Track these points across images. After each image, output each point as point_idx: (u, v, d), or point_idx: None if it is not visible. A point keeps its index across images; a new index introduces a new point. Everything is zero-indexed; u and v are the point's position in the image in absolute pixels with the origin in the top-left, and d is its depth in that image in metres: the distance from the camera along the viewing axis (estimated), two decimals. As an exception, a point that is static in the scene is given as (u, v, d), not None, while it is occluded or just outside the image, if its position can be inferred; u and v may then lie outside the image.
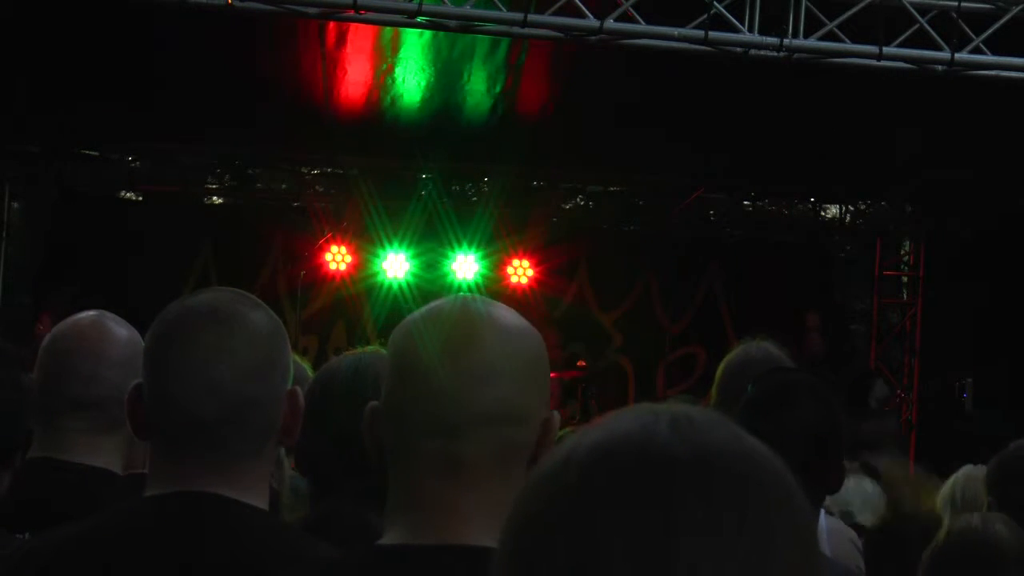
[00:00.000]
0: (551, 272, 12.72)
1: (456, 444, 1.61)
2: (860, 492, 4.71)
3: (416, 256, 12.43)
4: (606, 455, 0.90)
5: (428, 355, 1.63)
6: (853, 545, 3.70)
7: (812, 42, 7.83)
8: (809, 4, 7.78)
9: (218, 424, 1.88)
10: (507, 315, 1.69)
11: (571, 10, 7.70)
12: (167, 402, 1.90)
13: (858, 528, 4.23)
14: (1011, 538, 2.81)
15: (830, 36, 7.82)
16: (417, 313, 1.70)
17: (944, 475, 4.43)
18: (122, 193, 13.16)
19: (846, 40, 7.85)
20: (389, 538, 1.64)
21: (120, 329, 2.67)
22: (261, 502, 1.93)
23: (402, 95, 10.49)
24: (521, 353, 1.66)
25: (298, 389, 1.99)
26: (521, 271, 12.64)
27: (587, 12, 7.68)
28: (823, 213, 14.05)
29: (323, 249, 12.27)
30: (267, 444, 1.95)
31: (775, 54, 7.83)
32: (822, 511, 3.53)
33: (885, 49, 7.81)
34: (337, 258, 12.35)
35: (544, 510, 0.91)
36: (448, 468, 1.61)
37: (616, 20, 7.73)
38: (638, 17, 7.73)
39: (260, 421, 1.92)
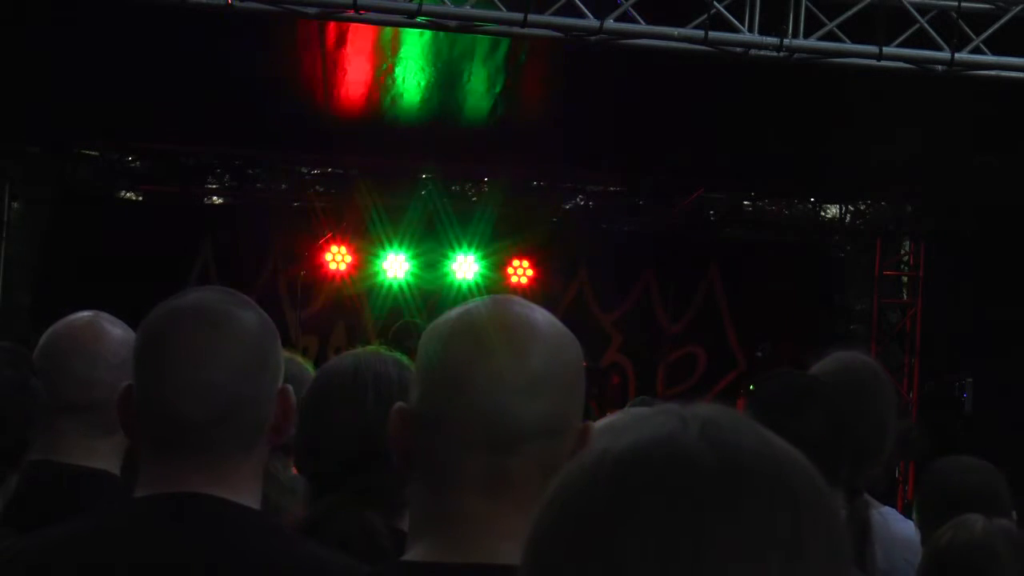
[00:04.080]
0: (551, 272, 12.71)
1: (502, 459, 1.55)
2: None
3: (416, 256, 12.43)
4: (634, 463, 0.89)
5: (472, 365, 1.57)
6: None
7: (812, 42, 7.83)
8: (809, 4, 7.78)
9: (209, 425, 1.87)
10: (548, 321, 1.63)
11: (571, 10, 7.70)
12: (157, 404, 1.89)
13: None
14: (1011, 543, 2.80)
15: (830, 36, 7.82)
16: (452, 317, 1.63)
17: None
18: (122, 193, 13.16)
19: (846, 40, 7.85)
20: (418, 554, 1.58)
21: (116, 330, 2.66)
22: (253, 502, 1.92)
23: (402, 95, 10.49)
24: (567, 364, 1.62)
25: (289, 388, 1.98)
26: (521, 271, 12.64)
27: (587, 12, 7.68)
28: (823, 213, 14.05)
29: (323, 249, 12.27)
30: (258, 443, 1.94)
31: (775, 54, 7.83)
32: None
33: (885, 49, 7.81)
34: (337, 258, 12.35)
35: (573, 517, 0.90)
36: (492, 484, 1.55)
37: (616, 20, 7.72)
38: (638, 17, 7.72)
39: (251, 421, 1.91)
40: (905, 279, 14.10)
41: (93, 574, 1.83)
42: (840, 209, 13.91)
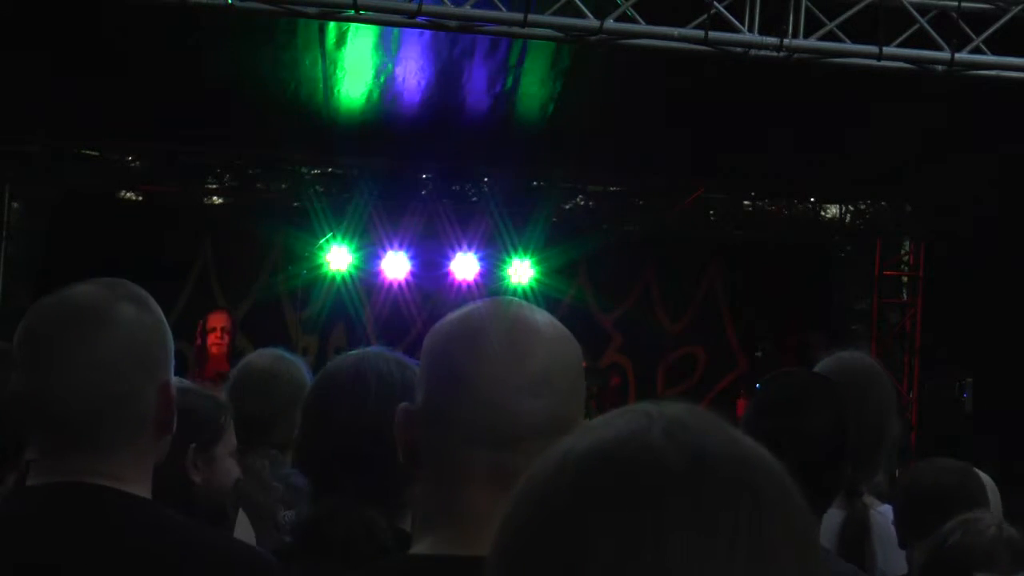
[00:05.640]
0: (551, 272, 12.71)
1: (505, 456, 1.59)
2: None
3: (416, 256, 12.43)
4: (599, 461, 0.89)
5: (475, 364, 1.60)
6: None
7: (812, 42, 7.83)
8: (809, 4, 7.78)
9: (89, 419, 1.92)
10: (549, 322, 1.67)
11: (571, 10, 7.70)
12: (37, 399, 1.94)
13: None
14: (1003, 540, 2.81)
15: (830, 36, 7.82)
16: (455, 318, 1.67)
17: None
18: (122, 193, 13.15)
19: (846, 40, 7.85)
20: (424, 547, 1.61)
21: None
22: (141, 491, 1.96)
23: (402, 95, 10.49)
24: (568, 364, 1.65)
25: (170, 381, 2.01)
26: (521, 271, 12.64)
27: (587, 12, 7.68)
28: (823, 213, 14.05)
29: (323, 249, 12.27)
30: (141, 437, 1.97)
31: (775, 54, 7.83)
32: None
33: (885, 49, 7.81)
34: (337, 258, 12.35)
35: (538, 514, 0.90)
36: (495, 480, 1.58)
37: (616, 20, 7.72)
38: (638, 17, 7.72)
39: (130, 415, 1.95)
40: (905, 279, 14.11)
41: None
42: (840, 209, 13.90)
